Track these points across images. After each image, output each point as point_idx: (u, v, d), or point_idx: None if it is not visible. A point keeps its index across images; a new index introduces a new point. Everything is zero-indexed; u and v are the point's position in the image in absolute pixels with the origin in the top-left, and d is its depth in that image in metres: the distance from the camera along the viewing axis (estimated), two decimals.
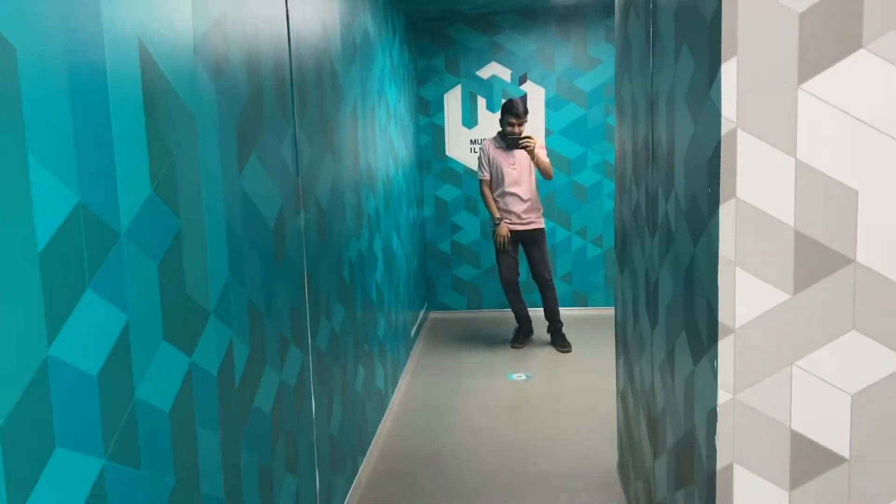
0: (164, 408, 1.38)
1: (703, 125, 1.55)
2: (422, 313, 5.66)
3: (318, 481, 2.43)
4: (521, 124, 4.74)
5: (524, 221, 4.86)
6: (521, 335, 5.15)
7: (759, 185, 1.44)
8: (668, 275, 1.96)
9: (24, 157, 0.99)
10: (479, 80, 5.81)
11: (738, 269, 1.47)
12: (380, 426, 3.61)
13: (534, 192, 4.88)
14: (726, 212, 1.46)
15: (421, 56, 5.83)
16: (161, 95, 1.40)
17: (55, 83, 1.06)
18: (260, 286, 1.92)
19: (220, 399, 1.64)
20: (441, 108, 5.88)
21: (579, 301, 6.02)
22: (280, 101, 2.14)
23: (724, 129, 1.43)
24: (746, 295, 1.48)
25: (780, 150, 1.42)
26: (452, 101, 5.85)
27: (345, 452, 2.85)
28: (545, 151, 4.81)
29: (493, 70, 5.80)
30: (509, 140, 4.72)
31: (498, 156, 4.84)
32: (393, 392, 4.08)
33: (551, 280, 4.97)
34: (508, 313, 5.73)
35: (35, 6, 1.02)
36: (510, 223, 4.86)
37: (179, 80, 1.48)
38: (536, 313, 5.38)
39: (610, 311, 5.94)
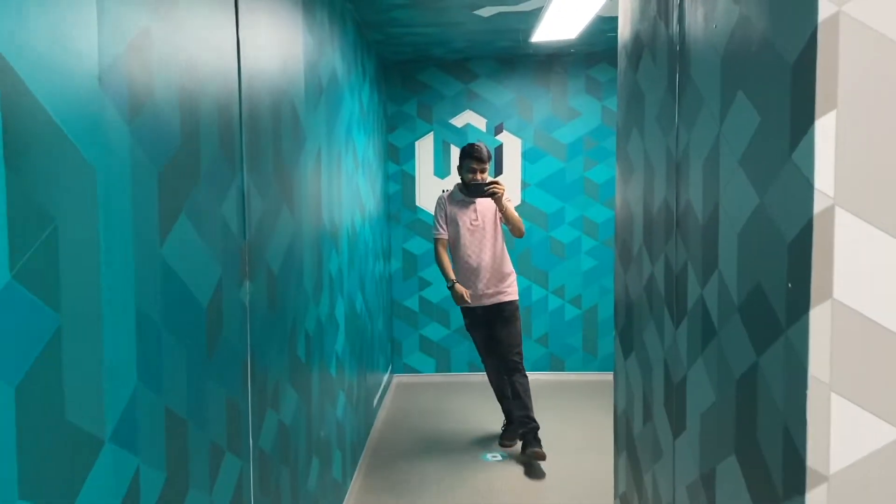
0: None
1: (779, 198, 1.17)
2: (386, 377, 5.19)
3: None
4: (484, 172, 3.90)
5: (488, 295, 3.98)
6: (512, 430, 4.16)
7: (865, 284, 1.06)
8: (707, 377, 1.57)
9: None
10: (453, 128, 5.48)
11: (833, 394, 1.08)
12: None
13: (500, 255, 3.99)
14: (819, 318, 1.07)
15: (391, 101, 5.48)
16: (37, 140, 0.97)
17: None
18: (184, 387, 1.47)
19: None
20: (412, 156, 5.51)
21: (556, 365, 5.62)
22: (225, 146, 1.73)
23: (818, 207, 1.06)
24: (846, 431, 1.09)
25: None
26: (424, 149, 5.50)
27: None
28: (513, 204, 4.09)
29: (468, 118, 5.47)
30: (472, 188, 3.83)
31: (456, 211, 3.98)
32: (351, 478, 3.59)
33: (521, 365, 3.98)
34: (480, 377, 5.23)
35: None
36: (476, 296, 3.99)
37: (72, 120, 1.06)
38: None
39: (589, 377, 5.55)
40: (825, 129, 1.04)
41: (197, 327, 1.55)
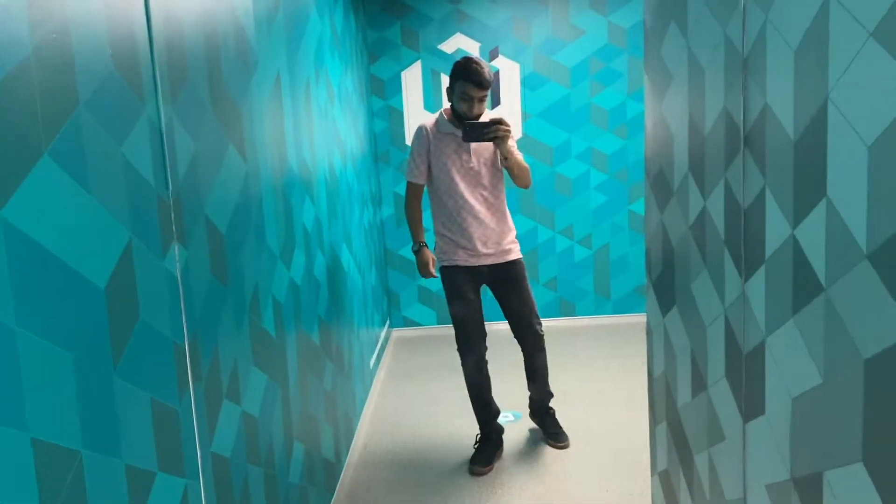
0: None
1: None
2: (383, 333, 4.78)
3: None
4: (483, 101, 2.98)
5: (490, 252, 3.10)
6: (488, 450, 3.15)
7: None
8: (806, 350, 1.12)
9: None
10: (443, 54, 4.92)
11: None
12: None
13: (501, 206, 3.12)
14: None
15: (371, 27, 4.91)
16: None
17: None
18: (71, 404, 1.03)
19: None
20: (398, 89, 4.97)
21: (566, 310, 5.21)
22: (124, 65, 1.25)
23: None
24: None
25: None
26: (411, 79, 4.95)
27: None
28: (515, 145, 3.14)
29: (459, 43, 4.91)
30: (469, 128, 2.87)
31: (444, 148, 3.03)
32: (347, 455, 3.21)
33: (542, 335, 3.22)
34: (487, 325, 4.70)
35: None
36: (468, 255, 3.09)
37: None
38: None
39: (601, 321, 5.16)
40: None
41: (91, 319, 1.10)
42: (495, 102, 4.95)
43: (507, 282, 3.15)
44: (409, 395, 4.04)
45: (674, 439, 1.95)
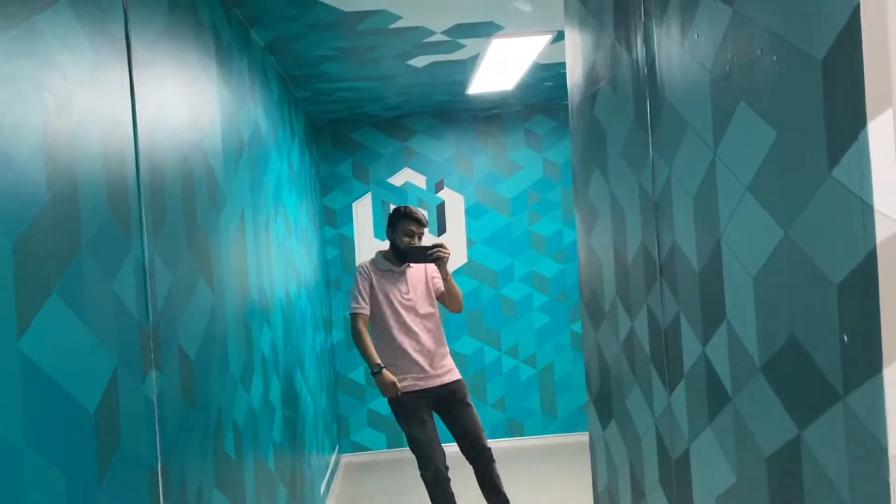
0: None
1: (816, 227, 0.93)
2: (332, 458, 4.75)
3: None
4: (422, 236, 3.42)
5: (438, 373, 3.36)
6: None
7: None
8: (720, 452, 1.29)
9: None
10: (392, 187, 5.23)
11: None
12: None
13: (439, 331, 3.43)
14: (894, 381, 0.82)
15: (324, 162, 5.21)
16: None
17: None
18: None
19: None
20: (349, 219, 5.22)
21: (514, 430, 5.29)
22: (117, 208, 1.41)
23: (881, 234, 0.81)
24: None
25: None
26: (362, 210, 5.22)
27: None
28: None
29: (407, 176, 5.24)
30: (413, 251, 3.30)
31: (385, 283, 3.37)
32: None
33: (490, 449, 3.43)
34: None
35: None
36: (416, 379, 3.32)
37: None
38: None
39: (551, 440, 5.25)
40: (881, 132, 0.81)
41: (81, 440, 1.19)
42: (441, 230, 5.23)
43: (455, 401, 3.38)
44: None
45: None
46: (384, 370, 3.29)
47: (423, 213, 3.52)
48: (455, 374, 3.42)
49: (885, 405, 0.82)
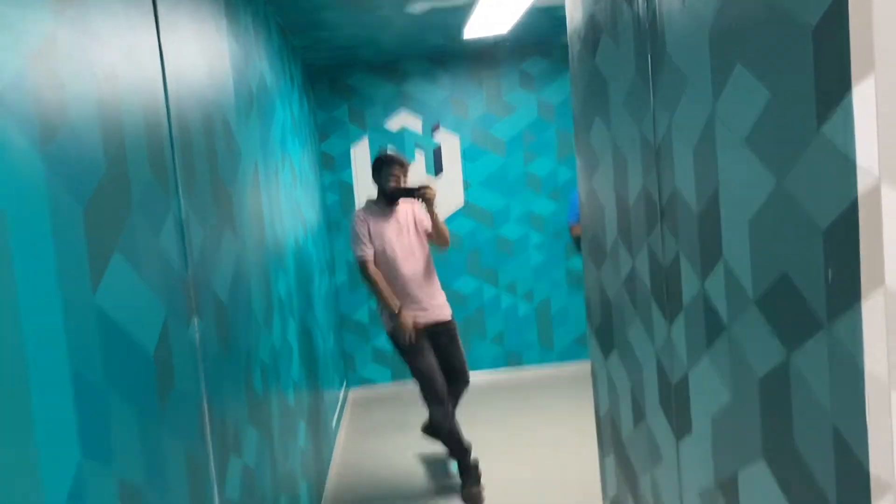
0: None
1: (806, 178, 1.05)
2: (341, 394, 4.96)
3: None
4: (406, 176, 3.59)
5: (433, 308, 3.58)
6: (475, 472, 3.55)
7: None
8: (716, 376, 1.45)
9: None
10: (388, 131, 5.29)
11: (895, 393, 0.97)
12: None
13: (430, 266, 3.63)
14: (872, 309, 0.95)
15: (321, 108, 5.25)
16: None
17: None
18: (137, 452, 1.26)
19: None
20: (348, 164, 5.30)
21: (513, 361, 5.51)
22: (157, 169, 1.51)
23: (862, 186, 0.94)
24: None
25: None
26: (360, 155, 5.29)
27: None
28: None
29: (403, 120, 5.29)
30: (401, 193, 3.47)
31: (381, 228, 3.51)
32: None
33: (469, 381, 3.75)
34: None
35: None
36: (418, 311, 3.53)
37: None
38: None
39: (548, 370, 5.47)
40: (864, 95, 0.92)
41: (146, 379, 1.33)
42: (438, 171, 5.32)
43: (449, 338, 3.63)
44: (371, 452, 4.23)
45: (621, 467, 2.25)
46: (404, 312, 3.46)
47: (403, 154, 3.66)
48: (449, 311, 3.64)
49: (862, 331, 0.96)
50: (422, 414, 4.39)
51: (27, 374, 0.92)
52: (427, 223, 3.61)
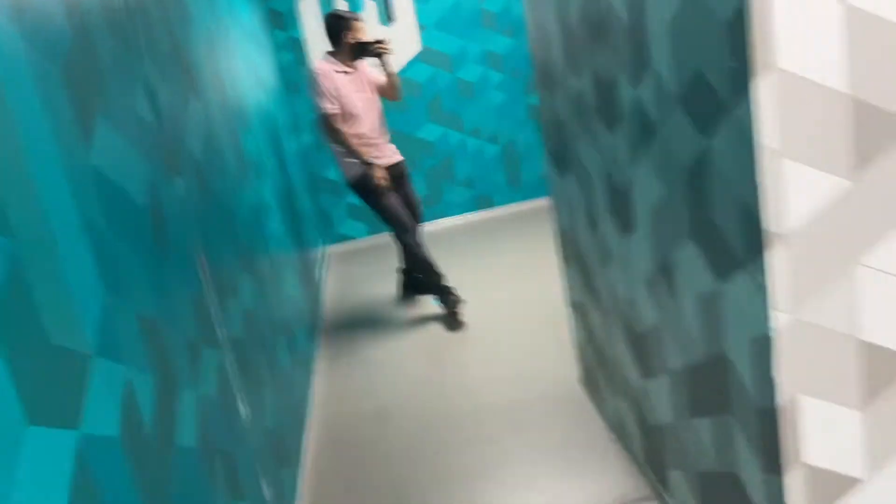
0: None
1: None
2: (321, 250, 5.19)
3: (265, 491, 2.04)
4: (363, 28, 3.69)
5: (390, 152, 3.88)
6: (454, 296, 3.86)
7: (804, 48, 1.10)
8: (652, 174, 1.63)
9: None
10: None
11: (785, 160, 1.15)
12: (311, 393, 3.21)
13: (384, 116, 3.89)
14: (766, 88, 1.11)
15: None
16: None
17: None
18: (148, 291, 1.43)
19: (131, 465, 1.19)
20: (296, 20, 5.19)
21: (483, 204, 5.73)
22: (117, 32, 1.58)
23: None
24: (799, 191, 1.16)
25: None
26: (308, 10, 5.17)
27: (285, 442, 2.45)
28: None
29: None
30: (361, 48, 3.58)
31: (347, 84, 3.61)
32: (315, 349, 3.67)
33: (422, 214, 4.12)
34: None
35: None
36: (381, 155, 3.76)
37: None
38: None
39: (516, 208, 5.70)
40: None
41: (144, 230, 1.48)
42: (391, 19, 5.24)
43: (404, 178, 3.93)
44: (357, 298, 4.51)
45: (580, 274, 2.49)
46: (376, 163, 3.66)
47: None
48: (400, 155, 3.94)
49: (758, 109, 1.12)
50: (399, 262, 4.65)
51: (51, 225, 1.07)
52: (378, 77, 3.76)
